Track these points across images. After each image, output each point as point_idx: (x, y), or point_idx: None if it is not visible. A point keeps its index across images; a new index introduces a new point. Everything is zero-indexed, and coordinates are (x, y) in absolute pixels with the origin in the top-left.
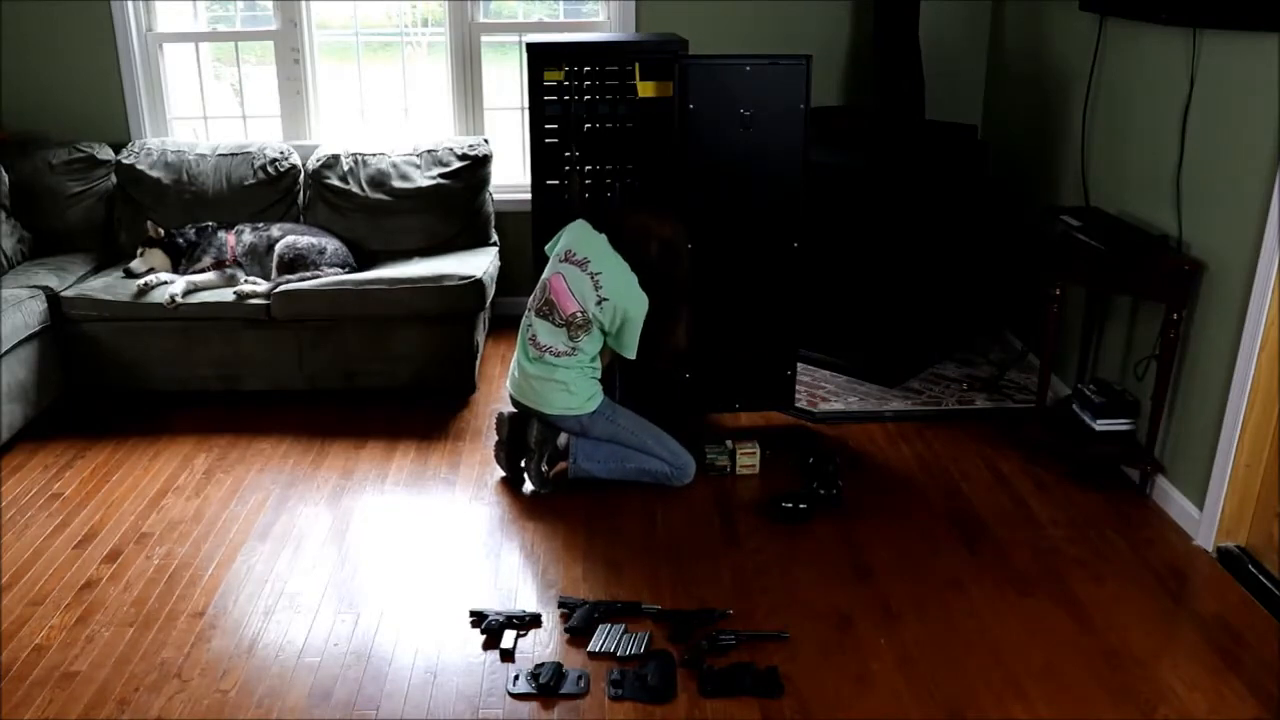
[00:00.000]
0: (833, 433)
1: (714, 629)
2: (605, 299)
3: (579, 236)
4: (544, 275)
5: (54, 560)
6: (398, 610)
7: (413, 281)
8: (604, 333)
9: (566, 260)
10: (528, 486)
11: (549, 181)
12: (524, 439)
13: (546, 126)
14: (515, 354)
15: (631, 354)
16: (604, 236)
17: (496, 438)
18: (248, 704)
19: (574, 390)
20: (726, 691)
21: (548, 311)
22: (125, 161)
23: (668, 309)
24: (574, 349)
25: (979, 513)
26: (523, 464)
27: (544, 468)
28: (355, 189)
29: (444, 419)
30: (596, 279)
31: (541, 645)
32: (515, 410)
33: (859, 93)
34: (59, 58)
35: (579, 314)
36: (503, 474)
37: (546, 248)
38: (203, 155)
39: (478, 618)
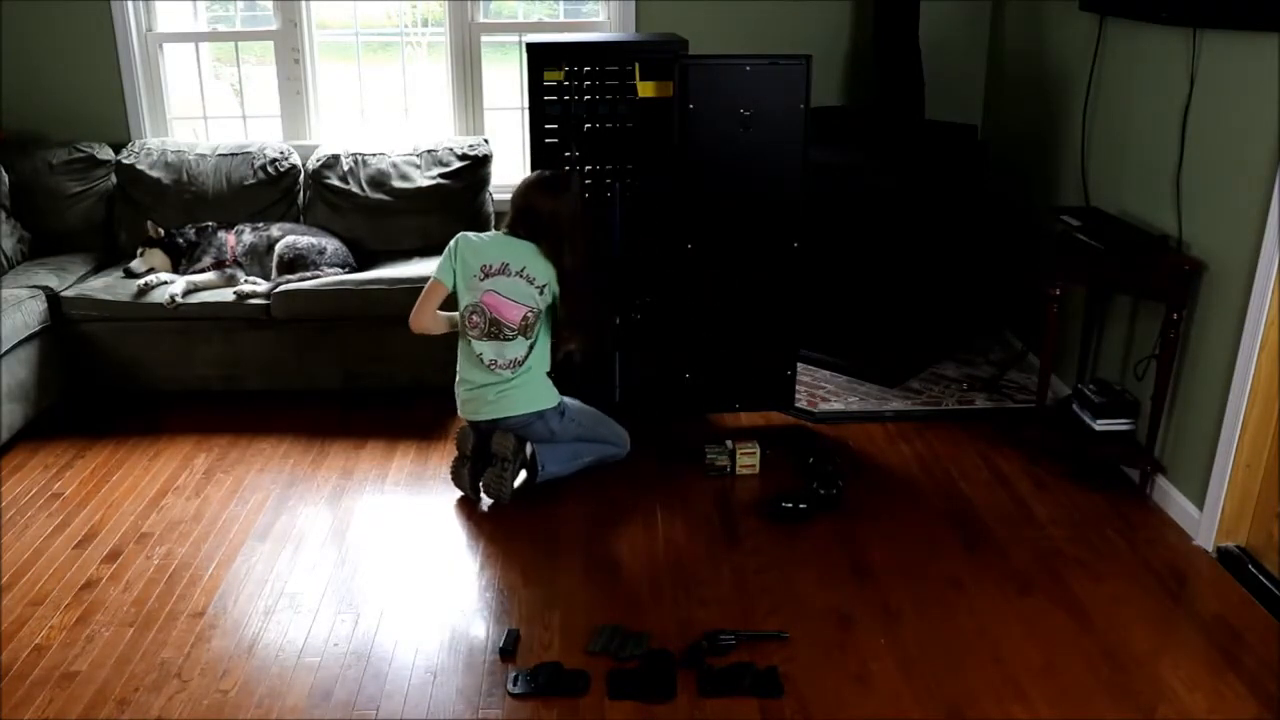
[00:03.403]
0: (833, 433)
1: (714, 629)
2: (544, 285)
3: (477, 249)
4: (466, 302)
5: (54, 560)
6: (398, 610)
7: (413, 282)
8: (552, 312)
9: (487, 276)
10: (485, 502)
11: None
12: (488, 451)
13: (546, 126)
14: (462, 382)
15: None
16: (498, 233)
17: (457, 454)
18: (248, 704)
19: (535, 389)
20: (726, 691)
21: (495, 331)
22: (125, 161)
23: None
24: (531, 346)
25: (979, 513)
26: (486, 478)
27: (515, 481)
28: (355, 189)
29: (444, 419)
30: (527, 274)
31: (542, 646)
32: (475, 427)
33: (859, 93)
34: (59, 58)
35: (529, 314)
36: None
37: (438, 275)
38: (203, 155)
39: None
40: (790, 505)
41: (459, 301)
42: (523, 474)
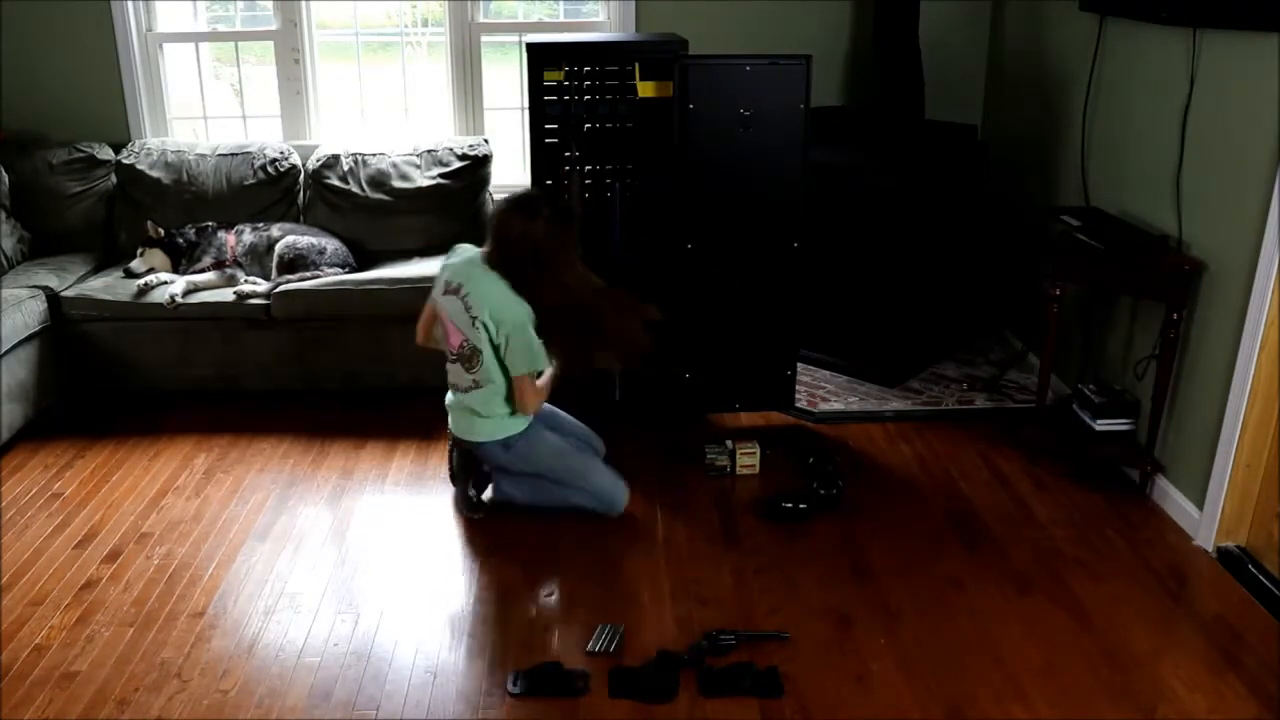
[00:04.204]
0: (833, 433)
1: (714, 629)
2: (477, 317)
3: (454, 262)
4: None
5: (54, 560)
6: (398, 610)
7: (413, 281)
8: (497, 357)
9: (446, 293)
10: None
11: (549, 181)
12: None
13: (546, 126)
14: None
15: (539, 365)
16: (477, 252)
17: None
18: (248, 704)
19: (485, 414)
20: (726, 691)
21: (447, 351)
22: (125, 161)
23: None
24: (475, 382)
25: (979, 513)
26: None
27: (470, 492)
28: (355, 189)
29: (444, 419)
30: (466, 300)
31: (542, 646)
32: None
33: (859, 93)
34: (59, 58)
35: (464, 344)
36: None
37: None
38: (203, 155)
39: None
40: (790, 505)
41: None
42: (489, 491)
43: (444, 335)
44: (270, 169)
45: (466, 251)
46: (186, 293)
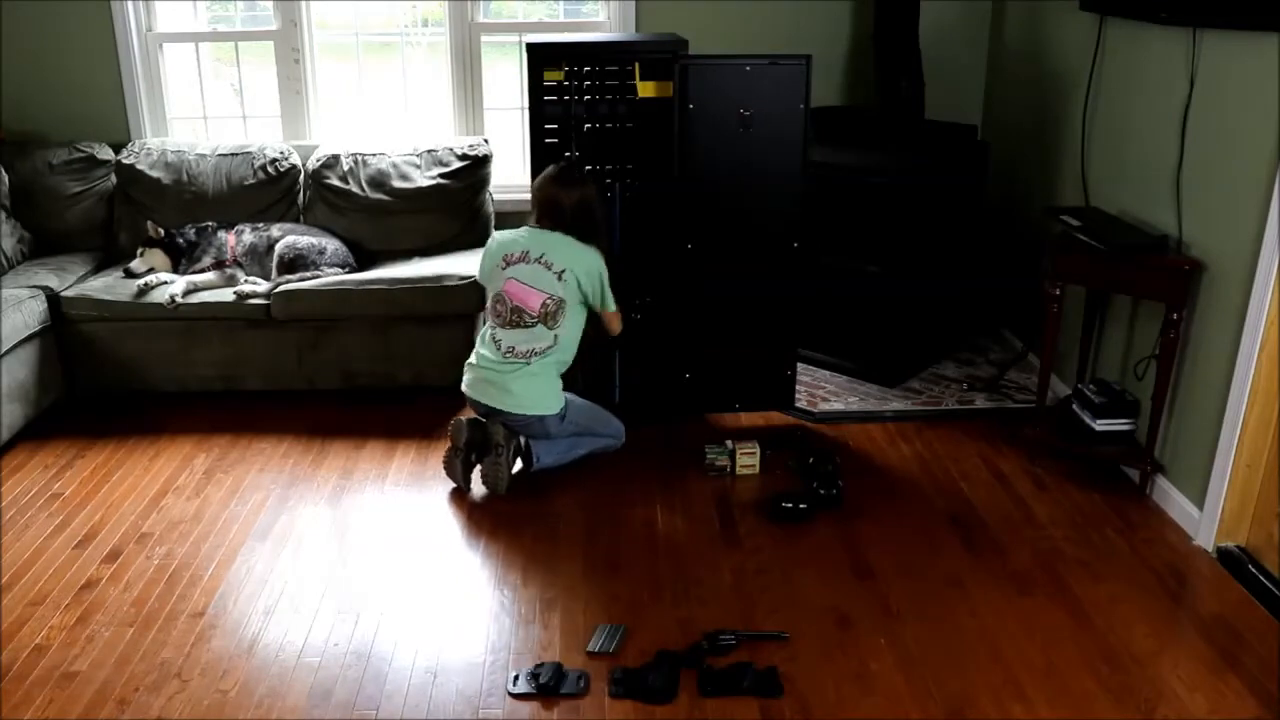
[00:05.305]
0: (833, 433)
1: (714, 629)
2: (564, 270)
3: (504, 242)
4: (491, 292)
5: (54, 560)
6: (398, 610)
7: (413, 281)
8: (585, 304)
9: (509, 265)
10: (479, 491)
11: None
12: (486, 440)
13: (546, 126)
14: (477, 358)
15: (613, 307)
16: (526, 228)
17: (450, 445)
18: (248, 704)
19: (550, 383)
20: (726, 691)
21: (518, 320)
22: (125, 161)
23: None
24: (556, 337)
25: (979, 513)
26: (480, 467)
27: (512, 470)
28: (355, 189)
29: (444, 419)
30: (544, 259)
31: (542, 646)
32: (475, 415)
33: (859, 93)
34: (59, 58)
35: (548, 300)
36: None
37: (479, 275)
38: (203, 155)
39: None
40: (790, 505)
41: (487, 293)
42: (519, 463)
43: (510, 307)
44: (270, 169)
45: (514, 231)
46: (186, 293)
